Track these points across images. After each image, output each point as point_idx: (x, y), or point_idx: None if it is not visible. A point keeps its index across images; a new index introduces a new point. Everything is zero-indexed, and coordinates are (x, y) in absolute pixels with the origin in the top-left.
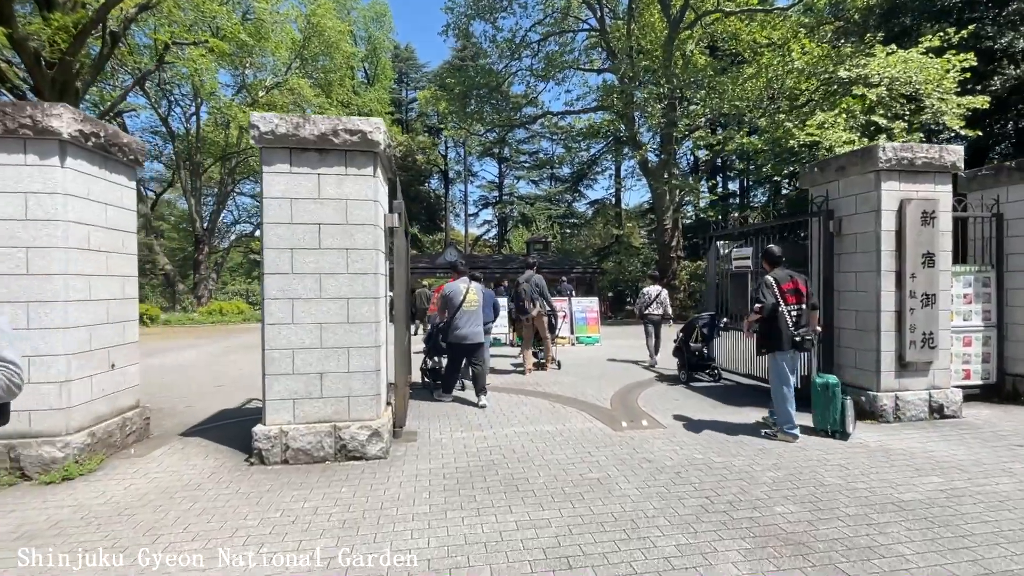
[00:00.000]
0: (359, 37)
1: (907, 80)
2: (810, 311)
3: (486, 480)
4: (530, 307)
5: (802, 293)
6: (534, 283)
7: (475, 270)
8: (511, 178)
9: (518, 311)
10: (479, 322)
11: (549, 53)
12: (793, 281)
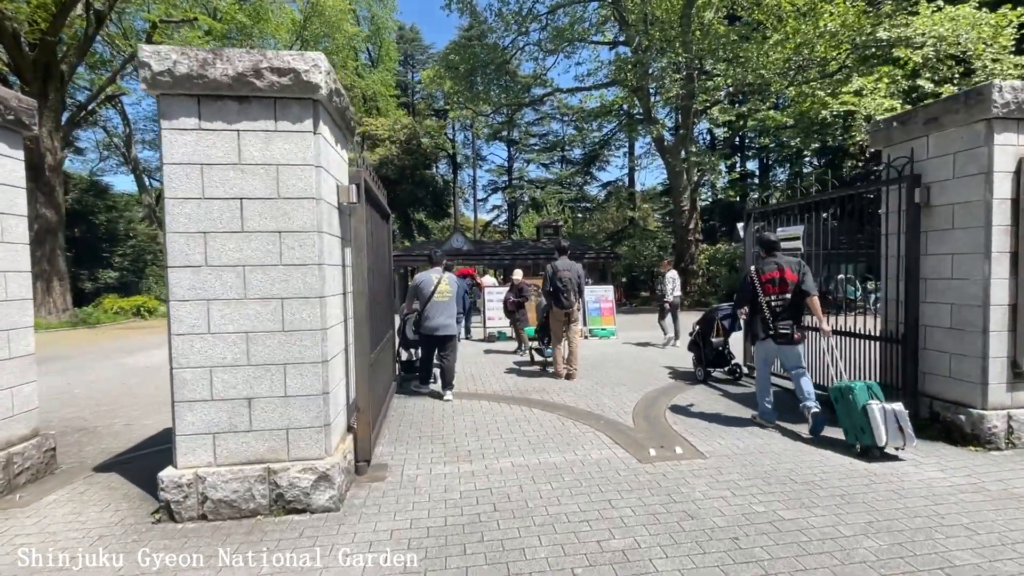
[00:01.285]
0: (362, 17)
1: (955, 41)
2: (804, 299)
3: (466, 553)
4: (575, 299)
5: (787, 282)
6: (576, 272)
7: (484, 256)
8: (521, 161)
9: (555, 303)
10: (451, 313)
11: (559, 26)
12: (778, 270)
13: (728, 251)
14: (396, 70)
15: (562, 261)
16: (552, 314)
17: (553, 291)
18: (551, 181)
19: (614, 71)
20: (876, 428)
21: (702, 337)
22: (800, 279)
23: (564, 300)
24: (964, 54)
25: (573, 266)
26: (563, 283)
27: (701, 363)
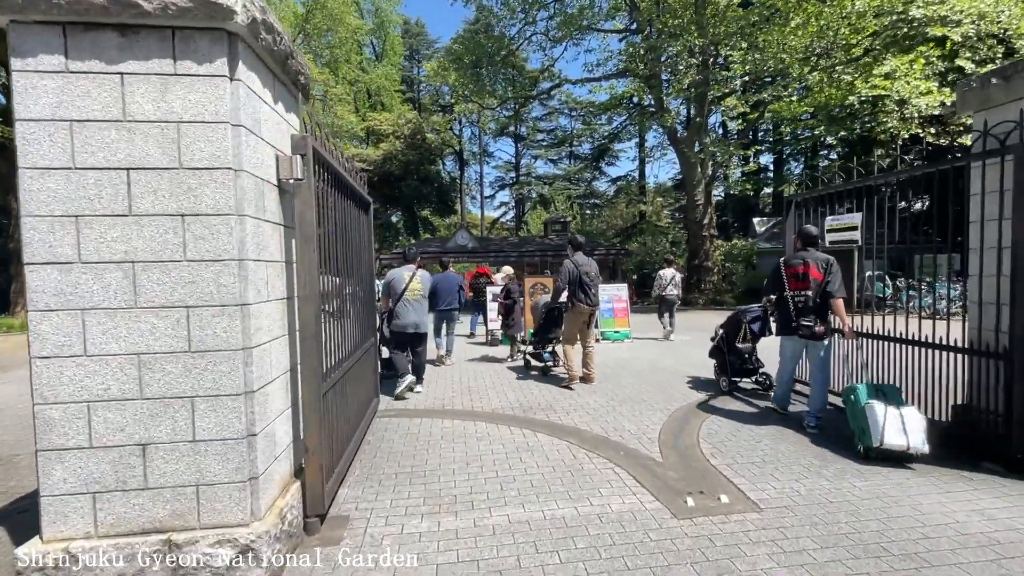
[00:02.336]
0: (366, 11)
1: (995, 18)
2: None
3: None
4: (596, 295)
5: (809, 279)
6: (595, 269)
7: (489, 253)
8: (528, 157)
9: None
10: (422, 312)
11: (566, 15)
12: (804, 265)
13: (745, 247)
14: (401, 65)
15: (580, 257)
16: (571, 314)
17: (579, 286)
18: (559, 177)
19: (625, 60)
20: (873, 425)
21: (726, 341)
22: (825, 278)
23: (592, 297)
24: (1004, 32)
25: (591, 263)
26: (589, 278)
27: (725, 372)
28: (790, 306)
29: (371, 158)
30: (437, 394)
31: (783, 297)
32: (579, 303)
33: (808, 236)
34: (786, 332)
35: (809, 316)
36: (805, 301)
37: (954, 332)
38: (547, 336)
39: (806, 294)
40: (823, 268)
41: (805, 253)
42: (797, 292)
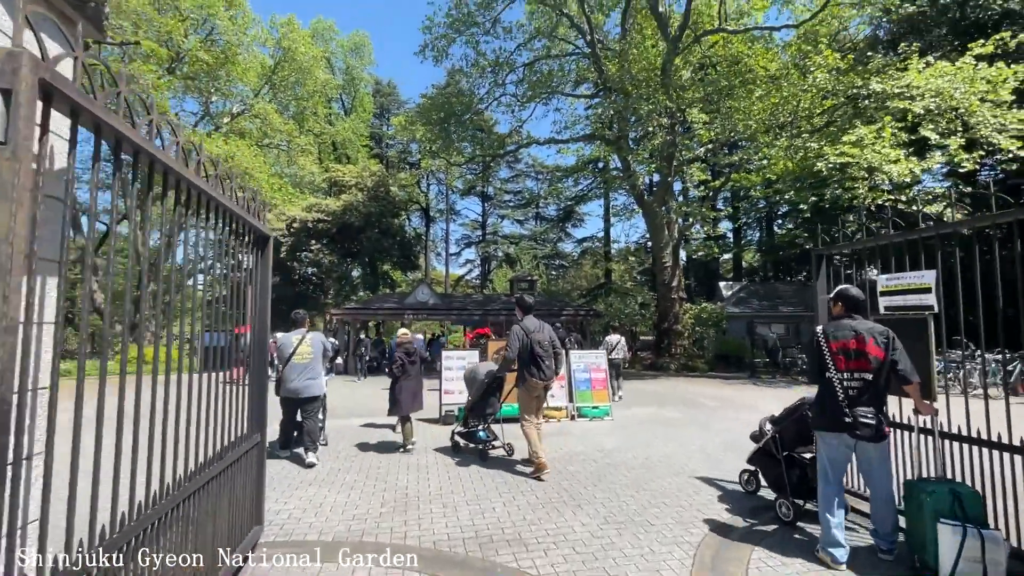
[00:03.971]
0: (337, 68)
1: (951, 94)
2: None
3: None
4: (551, 367)
5: (867, 356)
6: (549, 334)
7: (452, 311)
8: (495, 217)
9: (531, 374)
10: (312, 375)
11: (535, 78)
12: (857, 338)
13: (715, 310)
14: (371, 122)
15: (531, 321)
16: (524, 390)
17: (530, 358)
18: (525, 237)
19: (593, 123)
20: (944, 555)
21: (783, 445)
22: (889, 356)
23: (544, 370)
24: (956, 110)
25: (544, 327)
26: (542, 347)
27: (783, 490)
28: (838, 393)
29: (330, 208)
30: (361, 504)
31: (827, 380)
32: (531, 378)
33: (854, 300)
34: (832, 427)
35: (867, 408)
36: (863, 387)
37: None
38: (484, 412)
39: (864, 377)
40: (884, 343)
41: (852, 322)
42: (851, 374)
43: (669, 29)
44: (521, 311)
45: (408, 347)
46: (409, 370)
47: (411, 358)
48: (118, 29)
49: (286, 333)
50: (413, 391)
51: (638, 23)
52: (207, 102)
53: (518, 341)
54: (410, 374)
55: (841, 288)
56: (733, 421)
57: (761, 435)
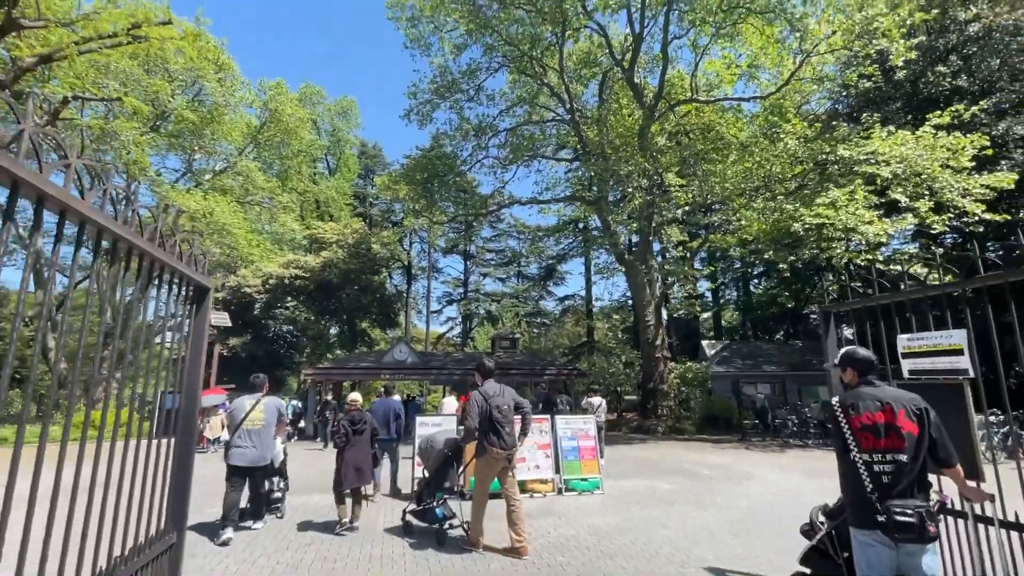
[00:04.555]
0: (323, 130)
1: (915, 161)
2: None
3: None
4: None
5: (899, 432)
6: (511, 399)
7: (431, 370)
8: (477, 275)
9: (491, 442)
10: (263, 443)
11: (518, 142)
12: (885, 410)
13: (700, 369)
14: (355, 182)
15: (491, 385)
16: (483, 461)
17: (489, 425)
18: (507, 295)
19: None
20: None
21: (839, 542)
22: (925, 431)
23: (505, 438)
24: (920, 175)
25: (505, 390)
26: (502, 414)
27: None
28: (864, 480)
29: (309, 265)
30: None
31: (850, 463)
32: (491, 447)
33: (867, 363)
34: (862, 523)
35: (905, 499)
36: (897, 471)
37: None
38: (442, 486)
39: (897, 459)
40: (917, 414)
41: (874, 390)
42: (880, 455)
43: (644, 98)
44: (480, 376)
45: (355, 414)
46: (354, 440)
47: (356, 427)
48: (103, 87)
49: (241, 397)
50: (357, 464)
51: (615, 92)
52: (190, 159)
53: (477, 407)
54: (355, 445)
55: (847, 351)
56: (734, 495)
57: (813, 530)
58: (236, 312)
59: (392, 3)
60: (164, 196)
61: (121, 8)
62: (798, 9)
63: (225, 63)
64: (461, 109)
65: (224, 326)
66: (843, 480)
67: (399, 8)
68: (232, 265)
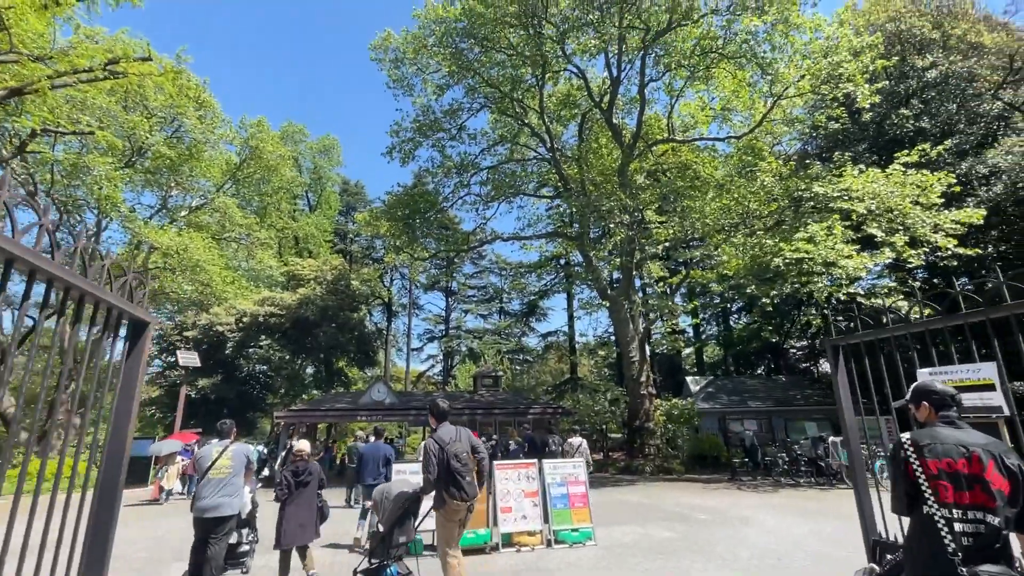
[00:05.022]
0: (305, 168)
1: (886, 198)
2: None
3: None
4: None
5: (992, 490)
6: (469, 443)
7: (410, 411)
8: (458, 311)
9: (451, 493)
10: (229, 492)
11: (500, 178)
12: (969, 458)
13: (686, 406)
14: (336, 219)
15: (446, 430)
16: (443, 514)
17: (447, 474)
18: (489, 331)
19: (554, 221)
20: None
21: None
22: (1020, 492)
23: (466, 487)
24: (892, 211)
25: (462, 434)
26: (460, 461)
27: None
28: (945, 541)
29: (285, 302)
30: None
31: (925, 518)
32: (451, 499)
33: (944, 398)
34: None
35: (993, 567)
36: (985, 536)
37: None
38: (395, 542)
39: (985, 521)
40: (1010, 471)
41: (957, 432)
42: (961, 512)
43: (623, 138)
44: (435, 419)
45: (300, 465)
46: (296, 493)
47: (300, 478)
48: (77, 123)
49: (207, 445)
50: (302, 520)
51: (594, 132)
52: (166, 196)
53: (434, 457)
54: (298, 499)
55: (921, 385)
56: (734, 543)
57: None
58: (207, 351)
59: (376, 45)
60: (137, 232)
61: (99, 44)
62: (768, 55)
63: (206, 101)
64: (443, 147)
65: (193, 366)
66: (913, 538)
67: (382, 50)
68: (205, 303)
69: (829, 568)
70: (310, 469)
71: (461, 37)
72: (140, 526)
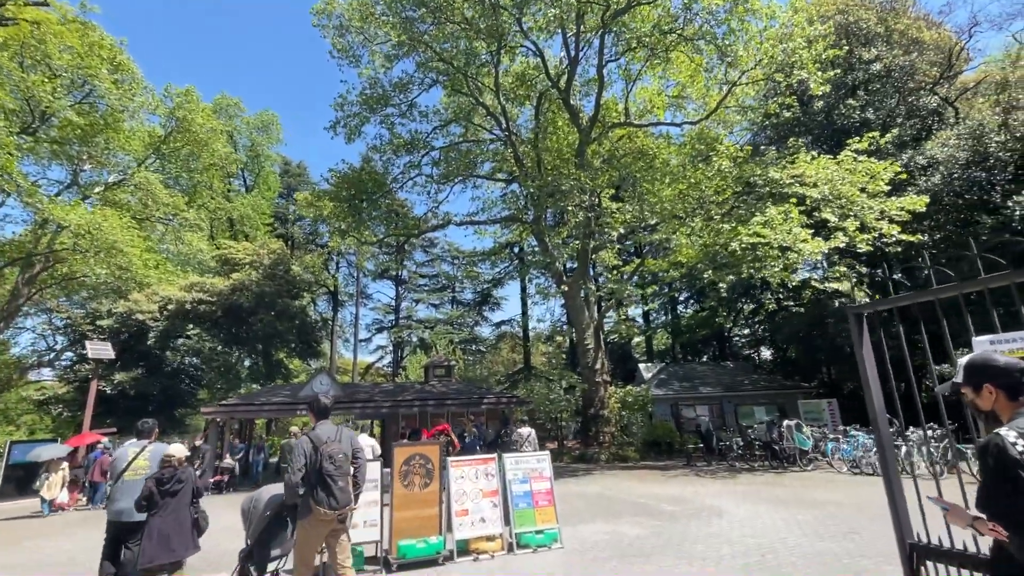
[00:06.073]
0: (241, 145)
1: (838, 185)
2: None
3: None
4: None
5: None
6: (351, 444)
7: (355, 404)
8: (409, 301)
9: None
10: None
11: (453, 156)
12: None
13: (640, 393)
14: (276, 202)
15: (324, 428)
16: (307, 523)
17: (317, 478)
18: (441, 321)
19: (510, 204)
20: None
21: None
22: None
23: (337, 494)
24: (841, 199)
25: (343, 433)
26: (334, 463)
27: None
28: None
29: (216, 288)
30: None
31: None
32: (318, 506)
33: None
34: None
35: None
36: None
37: None
38: (269, 555)
39: None
40: None
41: None
42: None
43: (580, 120)
44: (314, 416)
45: (168, 471)
46: (163, 504)
47: (167, 487)
48: None
49: (123, 446)
50: (167, 534)
51: (551, 113)
52: (77, 170)
53: (303, 458)
54: (163, 511)
55: (979, 358)
56: (711, 539)
57: None
58: (126, 342)
59: (318, 10)
60: (40, 210)
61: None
62: (727, 39)
63: (123, 63)
64: (392, 125)
65: (106, 359)
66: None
67: (326, 16)
68: (123, 289)
69: (818, 564)
70: (179, 477)
71: (411, 5)
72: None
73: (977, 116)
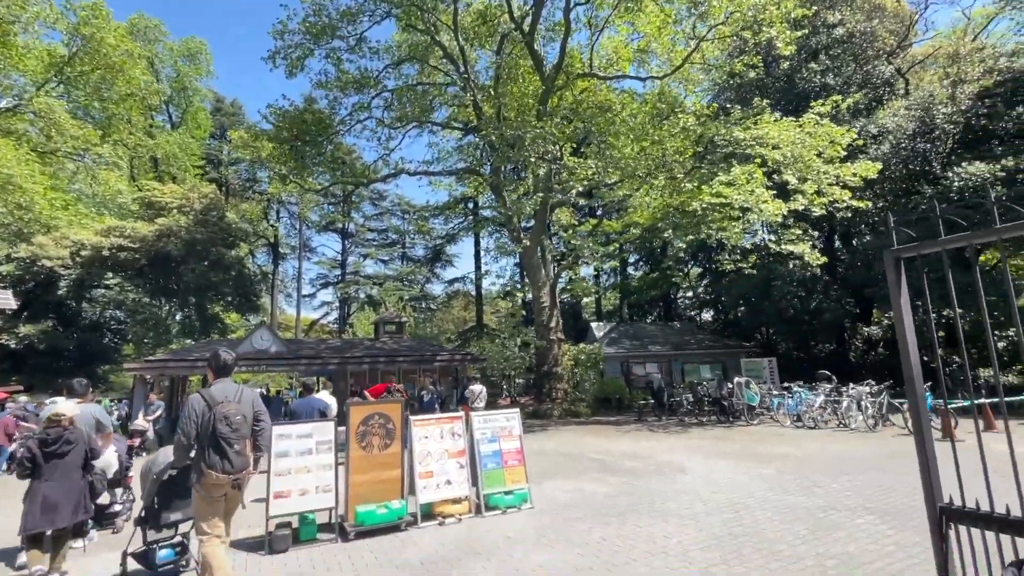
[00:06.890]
0: (164, 75)
1: (799, 147)
2: None
3: None
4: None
5: None
6: (251, 405)
7: (300, 360)
8: (356, 255)
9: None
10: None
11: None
12: None
13: (593, 350)
14: (207, 143)
15: (221, 386)
16: (201, 488)
17: (210, 440)
18: (390, 278)
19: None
20: None
21: None
22: None
23: (232, 457)
24: (799, 162)
25: (243, 393)
26: (230, 425)
27: None
28: None
29: (138, 233)
30: None
31: None
32: (209, 470)
33: None
34: None
35: None
36: None
37: None
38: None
39: None
40: None
41: None
42: None
43: (544, 69)
44: (212, 372)
45: (54, 432)
46: (49, 467)
47: (52, 448)
48: None
49: (49, 405)
50: (54, 500)
51: (513, 55)
52: None
53: (195, 416)
54: (50, 474)
55: None
56: (681, 497)
57: None
58: (30, 292)
59: None
60: None
61: None
62: None
63: None
64: (340, 60)
65: (7, 309)
66: None
67: None
68: (25, 231)
69: (792, 519)
70: (68, 438)
71: None
72: None
73: (927, 88)
